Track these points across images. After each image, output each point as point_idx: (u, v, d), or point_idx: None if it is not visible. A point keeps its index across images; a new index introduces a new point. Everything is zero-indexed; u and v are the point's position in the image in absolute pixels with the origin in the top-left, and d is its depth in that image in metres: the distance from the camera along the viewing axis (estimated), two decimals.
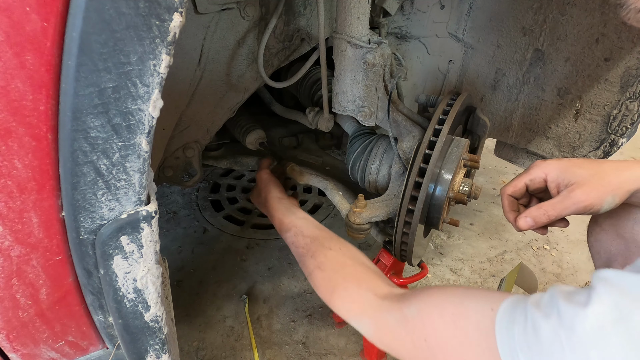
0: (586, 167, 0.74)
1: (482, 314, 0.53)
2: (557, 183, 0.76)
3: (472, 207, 2.04)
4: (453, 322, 0.56)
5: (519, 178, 0.82)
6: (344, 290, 0.77)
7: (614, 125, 1.13)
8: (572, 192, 0.72)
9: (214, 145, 1.44)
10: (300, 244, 0.92)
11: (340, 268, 0.82)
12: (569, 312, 0.44)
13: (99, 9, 0.40)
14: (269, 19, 0.98)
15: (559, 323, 0.44)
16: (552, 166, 0.77)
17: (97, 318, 0.64)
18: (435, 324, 0.58)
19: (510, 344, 0.47)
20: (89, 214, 0.51)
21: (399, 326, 0.63)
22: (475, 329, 0.53)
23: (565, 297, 0.46)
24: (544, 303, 0.48)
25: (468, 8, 1.25)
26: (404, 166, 1.04)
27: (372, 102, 1.02)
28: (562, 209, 0.73)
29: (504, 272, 1.68)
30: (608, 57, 1.06)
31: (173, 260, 1.68)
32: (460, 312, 0.56)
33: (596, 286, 0.44)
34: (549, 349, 0.44)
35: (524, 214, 0.77)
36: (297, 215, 1.02)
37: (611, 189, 0.70)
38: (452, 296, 0.60)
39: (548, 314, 0.46)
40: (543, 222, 0.76)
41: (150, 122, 0.48)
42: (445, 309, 0.58)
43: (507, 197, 0.83)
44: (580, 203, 0.71)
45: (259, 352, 1.34)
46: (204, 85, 1.01)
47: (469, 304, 0.56)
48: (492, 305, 0.53)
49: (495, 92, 1.31)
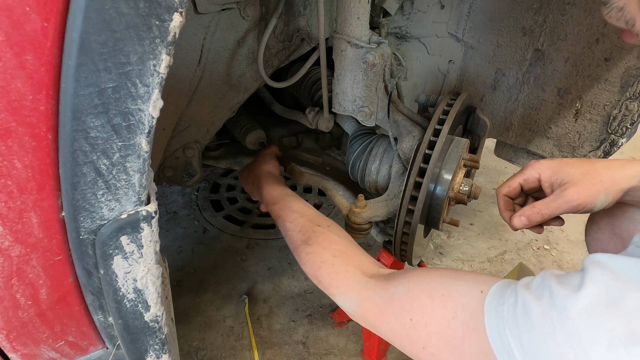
0: (578, 166, 0.74)
1: (471, 296, 0.53)
2: (551, 182, 0.77)
3: (472, 207, 2.04)
4: (442, 303, 0.56)
5: (513, 178, 0.83)
6: (332, 266, 0.76)
7: (614, 125, 1.13)
8: (565, 191, 0.73)
9: (214, 145, 1.44)
10: (289, 218, 0.92)
11: (328, 244, 0.82)
12: (561, 294, 0.44)
13: (99, 9, 0.40)
14: (269, 19, 0.98)
15: (551, 304, 0.44)
16: (545, 166, 0.78)
17: (97, 318, 0.64)
18: (424, 304, 0.58)
19: (498, 323, 0.47)
20: (89, 214, 0.51)
21: (385, 304, 0.63)
22: (463, 310, 0.53)
23: (558, 280, 0.46)
24: (535, 285, 0.48)
25: (468, 8, 1.25)
26: (404, 166, 1.04)
27: (372, 102, 1.02)
28: (555, 208, 0.74)
29: (504, 272, 1.68)
30: (608, 57, 1.06)
31: (173, 260, 1.68)
32: (449, 293, 0.56)
33: (589, 269, 0.45)
34: (540, 329, 0.43)
35: (518, 213, 0.78)
36: (287, 192, 1.03)
37: (603, 187, 0.71)
38: (442, 277, 0.60)
39: (539, 295, 0.46)
40: (537, 220, 0.77)
41: (150, 122, 0.48)
42: (434, 289, 0.58)
43: (502, 197, 0.84)
44: (572, 202, 0.72)
45: (259, 352, 1.34)
46: (204, 85, 1.00)
47: (459, 285, 0.56)
48: (481, 287, 0.53)
49: (495, 92, 1.31)
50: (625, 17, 0.53)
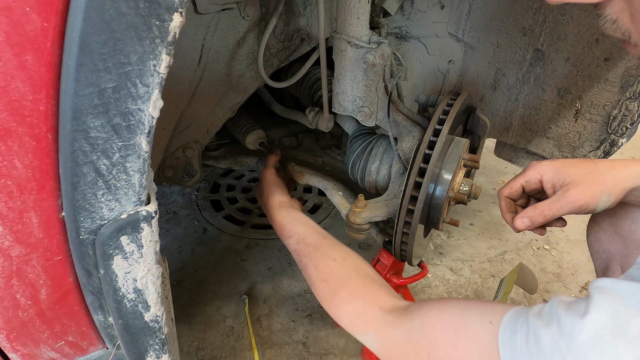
0: (580, 166, 0.74)
1: (482, 328, 0.53)
2: (553, 183, 0.76)
3: (472, 207, 2.04)
4: (454, 336, 0.56)
5: (515, 180, 0.82)
6: (350, 304, 0.76)
7: (614, 125, 1.13)
8: (567, 191, 0.73)
9: (214, 145, 1.44)
10: (303, 252, 0.91)
11: (345, 281, 0.81)
12: (568, 321, 0.44)
13: (99, 9, 0.40)
14: (269, 19, 0.98)
15: (559, 331, 0.44)
16: (546, 167, 0.78)
17: (97, 318, 0.64)
18: (438, 338, 0.58)
19: (513, 354, 0.48)
20: (89, 214, 0.51)
21: (404, 341, 0.63)
22: (476, 343, 0.53)
23: (566, 307, 0.46)
24: (545, 312, 0.48)
25: (468, 8, 1.25)
26: (404, 166, 1.04)
27: (372, 102, 1.02)
28: (557, 209, 0.74)
29: (504, 272, 1.68)
30: (608, 57, 1.06)
31: (173, 260, 1.68)
32: (460, 326, 0.56)
33: (593, 295, 0.45)
34: (550, 357, 0.44)
35: (521, 214, 0.78)
36: (299, 221, 0.99)
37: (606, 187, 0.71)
38: (453, 308, 0.60)
39: (548, 322, 0.46)
40: (539, 222, 0.76)
41: (150, 122, 0.48)
42: (446, 322, 0.59)
43: (504, 198, 0.84)
44: (575, 202, 0.72)
45: (259, 352, 1.34)
46: (204, 85, 1.00)
47: (469, 317, 0.56)
48: (490, 318, 0.53)
49: (495, 92, 1.31)
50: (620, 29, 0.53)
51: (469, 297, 1.57)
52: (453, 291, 1.59)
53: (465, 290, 1.60)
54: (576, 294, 1.59)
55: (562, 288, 1.61)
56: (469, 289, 1.60)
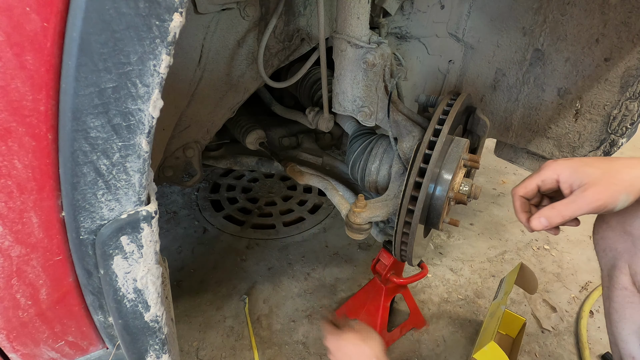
0: (597, 166, 0.73)
1: None
2: (570, 183, 0.75)
3: (472, 207, 2.04)
4: None
5: (530, 179, 0.80)
6: None
7: (614, 125, 1.13)
8: (585, 191, 0.71)
9: (214, 145, 1.44)
10: None
11: None
12: None
13: (99, 9, 0.40)
14: (269, 19, 0.98)
15: None
16: (563, 166, 0.76)
17: (97, 318, 0.64)
18: None
19: None
20: (89, 214, 0.51)
21: None
22: None
23: None
24: None
25: (468, 8, 1.25)
26: (404, 166, 1.04)
27: (372, 102, 1.02)
28: (575, 209, 0.72)
29: (504, 272, 1.68)
30: (608, 57, 1.06)
31: (173, 260, 1.68)
32: None
33: None
34: None
35: (537, 214, 0.76)
36: None
37: (624, 187, 0.69)
38: None
39: None
40: (557, 222, 0.74)
41: (150, 122, 0.48)
42: None
43: (518, 198, 0.82)
44: (593, 203, 0.70)
45: (259, 352, 1.34)
46: (204, 85, 1.01)
47: None
48: None
49: (495, 92, 1.31)
50: None
51: (469, 297, 1.57)
52: (453, 291, 1.59)
53: (465, 290, 1.60)
54: (576, 294, 1.59)
55: (562, 288, 1.61)
56: (469, 289, 1.60)
